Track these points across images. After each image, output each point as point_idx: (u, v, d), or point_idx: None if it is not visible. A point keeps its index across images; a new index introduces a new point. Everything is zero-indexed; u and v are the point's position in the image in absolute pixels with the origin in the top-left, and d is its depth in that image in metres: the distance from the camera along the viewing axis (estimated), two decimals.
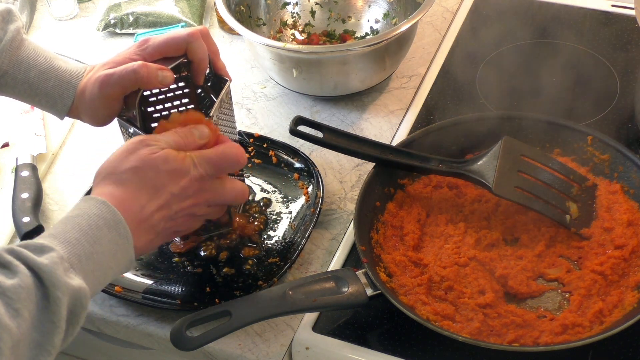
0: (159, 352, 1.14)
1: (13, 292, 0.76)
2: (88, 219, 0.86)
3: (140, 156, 0.92)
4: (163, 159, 0.92)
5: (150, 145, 0.93)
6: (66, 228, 0.85)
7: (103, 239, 0.86)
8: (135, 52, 1.04)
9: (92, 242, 0.85)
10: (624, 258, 1.07)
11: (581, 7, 1.50)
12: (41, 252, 0.80)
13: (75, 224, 0.85)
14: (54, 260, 0.80)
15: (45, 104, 1.08)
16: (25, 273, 0.78)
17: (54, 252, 0.81)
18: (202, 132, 0.97)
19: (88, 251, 0.84)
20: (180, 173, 0.93)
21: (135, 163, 0.92)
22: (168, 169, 0.92)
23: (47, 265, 0.79)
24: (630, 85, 1.34)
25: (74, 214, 0.87)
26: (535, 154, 1.16)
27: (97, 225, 0.86)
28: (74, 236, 0.84)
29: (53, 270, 0.79)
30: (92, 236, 0.85)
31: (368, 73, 1.33)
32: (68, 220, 0.86)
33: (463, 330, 1.02)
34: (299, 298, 1.00)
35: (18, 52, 1.07)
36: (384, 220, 1.15)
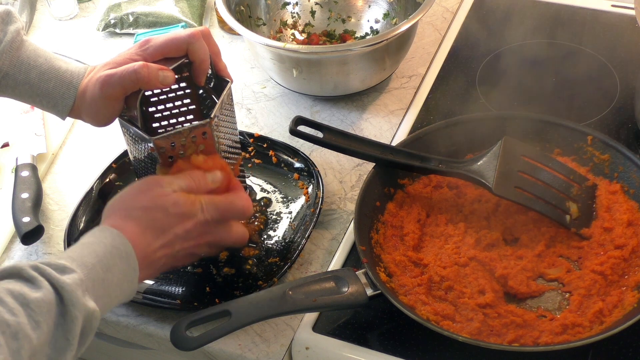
0: (159, 352, 1.14)
1: (36, 304, 0.79)
2: (104, 247, 0.90)
3: (152, 197, 0.96)
4: (173, 203, 0.96)
5: (163, 186, 0.97)
6: (83, 253, 0.89)
7: (115, 268, 0.90)
8: (137, 52, 1.04)
9: (106, 270, 0.89)
10: (624, 258, 1.07)
11: (581, 7, 1.50)
12: (63, 272, 0.84)
13: (92, 250, 0.89)
14: (76, 281, 0.83)
15: (46, 105, 1.08)
16: (48, 289, 0.81)
17: (75, 273, 0.84)
18: (215, 178, 1.01)
19: (101, 277, 0.88)
20: (187, 216, 0.97)
21: (146, 203, 0.96)
22: (176, 212, 0.96)
23: (70, 285, 0.82)
24: (630, 85, 1.34)
25: (90, 240, 0.91)
26: (535, 154, 1.16)
27: (111, 254, 0.90)
28: (90, 261, 0.88)
29: (74, 290, 0.82)
30: (106, 264, 0.89)
31: (368, 73, 1.33)
32: (84, 246, 0.90)
33: (463, 330, 1.02)
34: (299, 298, 1.00)
35: (18, 53, 1.07)
36: (384, 220, 1.15)
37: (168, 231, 0.96)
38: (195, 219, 0.97)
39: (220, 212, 0.99)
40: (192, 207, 0.97)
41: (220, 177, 1.01)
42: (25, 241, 1.18)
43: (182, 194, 0.97)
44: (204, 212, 0.98)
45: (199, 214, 0.97)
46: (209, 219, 0.98)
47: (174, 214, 0.96)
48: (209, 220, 0.98)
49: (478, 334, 1.02)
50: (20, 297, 0.79)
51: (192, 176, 1.00)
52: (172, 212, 0.96)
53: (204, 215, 0.98)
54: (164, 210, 0.96)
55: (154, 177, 1.00)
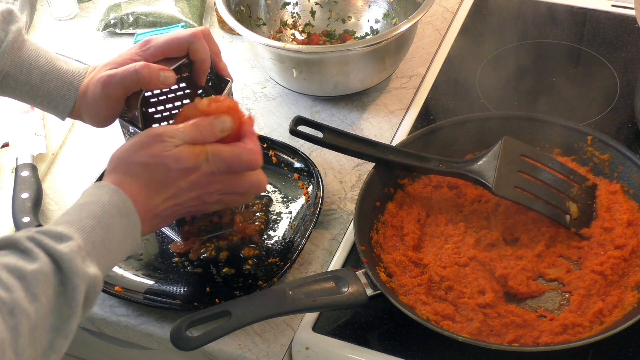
0: (159, 352, 1.14)
1: (33, 277, 0.78)
2: (102, 206, 0.88)
3: (151, 153, 0.93)
4: (175, 159, 0.93)
5: (165, 141, 0.93)
6: (81, 215, 0.87)
7: (115, 226, 0.89)
8: (137, 52, 1.03)
9: (106, 230, 0.87)
10: (624, 258, 1.07)
11: (581, 7, 1.50)
12: (60, 240, 0.82)
13: (89, 212, 0.88)
14: (73, 249, 0.82)
15: (47, 105, 1.08)
16: (44, 260, 0.80)
17: (72, 240, 0.83)
18: (224, 125, 0.96)
19: (102, 238, 0.87)
20: (190, 169, 0.94)
21: (145, 159, 0.93)
22: (178, 167, 0.93)
23: (67, 254, 0.81)
24: (630, 85, 1.34)
25: (88, 200, 0.89)
26: (535, 154, 1.16)
27: (110, 213, 0.88)
28: (89, 224, 0.86)
29: (72, 259, 0.81)
30: (105, 224, 0.88)
31: (368, 73, 1.33)
32: (82, 207, 0.88)
33: (463, 330, 1.02)
34: (299, 298, 1.00)
35: (19, 53, 1.06)
36: (384, 220, 1.15)
37: (170, 185, 0.93)
38: (199, 170, 0.94)
39: (227, 165, 0.95)
40: (196, 160, 0.93)
41: (230, 124, 0.96)
42: None
43: (185, 148, 0.93)
44: (209, 163, 0.94)
45: (203, 165, 0.94)
46: (215, 170, 0.95)
47: (175, 169, 0.93)
48: (214, 172, 0.95)
49: (478, 334, 1.02)
50: (15, 270, 0.78)
51: (198, 126, 0.95)
52: (174, 168, 0.93)
53: (208, 166, 0.94)
54: (164, 167, 0.93)
55: (156, 129, 0.95)
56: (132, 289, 1.11)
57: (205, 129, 0.95)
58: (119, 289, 1.10)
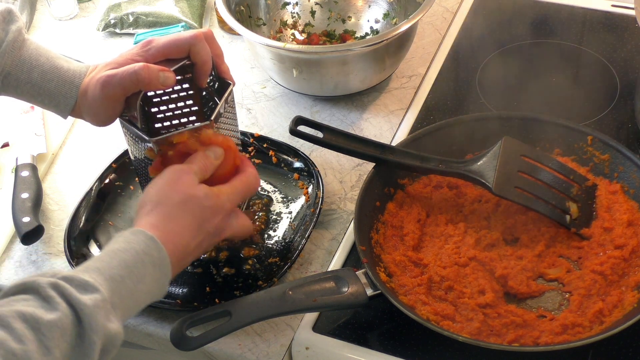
0: (159, 352, 1.14)
1: (48, 329, 0.76)
2: (135, 255, 0.87)
3: (185, 189, 0.95)
4: (204, 196, 0.95)
5: (189, 174, 0.96)
6: (112, 264, 0.86)
7: (147, 277, 0.88)
8: (138, 53, 1.03)
9: (136, 281, 0.86)
10: (624, 258, 1.07)
11: (581, 7, 1.50)
12: (85, 291, 0.81)
13: (121, 260, 0.86)
14: (97, 303, 0.80)
15: (48, 104, 1.08)
16: (65, 311, 0.78)
17: (98, 293, 0.81)
18: (216, 153, 1.00)
19: (130, 289, 0.86)
20: (217, 210, 0.96)
21: (183, 197, 0.94)
22: (209, 205, 0.95)
23: (89, 307, 0.79)
24: (630, 85, 1.34)
25: (122, 247, 0.88)
26: (535, 154, 1.16)
27: (143, 263, 0.88)
28: (118, 273, 0.85)
29: (94, 314, 0.79)
30: (136, 274, 0.87)
31: (368, 73, 1.33)
32: (115, 254, 0.87)
33: (463, 330, 1.02)
34: (299, 298, 1.00)
35: (20, 53, 1.07)
36: (384, 220, 1.15)
37: (202, 227, 0.95)
38: (223, 211, 0.97)
39: (243, 196, 0.99)
40: (218, 199, 0.96)
41: (221, 152, 1.00)
42: (25, 241, 1.18)
43: (206, 187, 0.96)
44: (230, 202, 0.97)
45: (226, 205, 0.97)
46: (234, 207, 0.98)
47: (207, 207, 0.95)
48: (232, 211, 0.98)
49: (478, 334, 1.02)
50: (31, 320, 0.76)
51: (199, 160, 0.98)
52: (206, 205, 0.95)
53: (231, 204, 0.97)
54: (199, 204, 0.95)
55: (176, 166, 0.98)
56: None
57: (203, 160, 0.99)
58: None
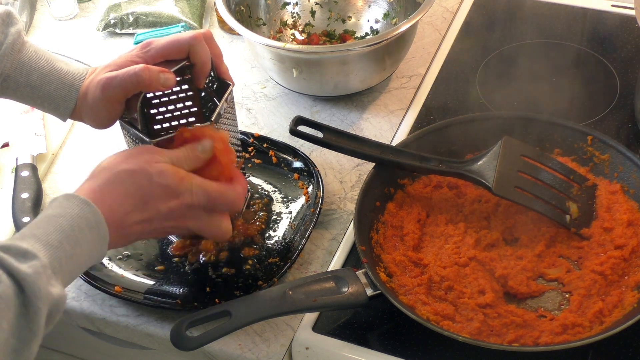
0: (159, 352, 1.14)
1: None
2: (71, 220, 0.87)
3: (139, 161, 0.93)
4: (159, 172, 0.93)
5: (153, 154, 0.94)
6: (48, 230, 0.85)
7: (83, 240, 0.87)
8: (138, 54, 1.03)
9: (73, 244, 0.86)
10: (624, 258, 1.07)
11: (581, 7, 1.50)
12: (24, 259, 0.80)
13: (57, 225, 0.86)
14: (37, 269, 0.80)
15: (47, 107, 1.08)
16: (6, 282, 0.78)
17: (37, 260, 0.81)
18: (204, 146, 0.98)
19: (69, 254, 0.85)
20: (172, 192, 0.94)
21: (132, 166, 0.93)
22: (161, 182, 0.93)
23: (30, 275, 0.79)
24: (630, 85, 1.34)
25: (57, 212, 0.87)
26: (535, 154, 1.16)
27: (79, 227, 0.87)
28: (56, 238, 0.85)
29: (35, 281, 0.79)
30: (73, 238, 0.86)
31: (368, 73, 1.33)
32: (50, 219, 0.86)
33: (463, 330, 1.02)
34: (299, 298, 1.00)
35: (19, 55, 1.06)
36: (384, 220, 1.15)
37: (149, 204, 0.93)
38: (181, 198, 0.94)
39: (210, 200, 0.95)
40: (179, 183, 0.93)
41: (210, 146, 0.98)
42: None
43: (170, 166, 0.94)
44: (192, 194, 0.94)
45: (185, 194, 0.94)
46: (196, 203, 0.95)
47: (157, 183, 0.92)
48: (195, 205, 0.95)
49: (478, 334, 1.02)
50: None
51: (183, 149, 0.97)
52: (157, 181, 0.92)
53: (191, 197, 0.94)
54: (148, 178, 0.92)
55: (145, 146, 0.97)
56: (132, 289, 1.11)
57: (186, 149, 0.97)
58: (119, 289, 1.10)
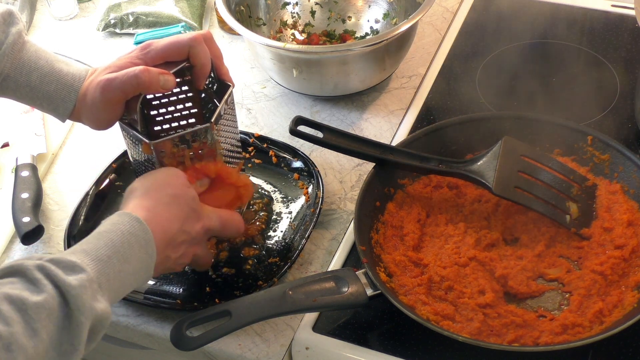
0: (159, 352, 1.14)
1: (35, 310, 0.76)
2: (121, 235, 0.88)
3: (179, 185, 0.98)
4: (193, 197, 0.99)
5: (184, 177, 1.00)
6: (99, 244, 0.87)
7: (132, 257, 0.89)
8: (138, 56, 1.03)
9: (123, 261, 0.87)
10: (624, 258, 1.07)
11: (581, 7, 1.50)
12: (72, 272, 0.81)
13: (108, 240, 0.87)
14: (83, 283, 0.81)
15: (47, 107, 1.08)
16: (51, 292, 0.78)
17: (84, 273, 0.82)
18: (202, 182, 1.04)
19: (117, 269, 0.87)
20: (200, 216, 0.99)
21: (176, 190, 0.98)
22: (194, 207, 0.99)
23: (75, 288, 0.79)
24: (630, 85, 1.34)
25: (107, 228, 0.89)
26: (535, 154, 1.16)
27: (129, 243, 0.88)
28: (105, 254, 0.86)
29: (80, 294, 0.80)
30: (123, 254, 0.87)
31: (368, 73, 1.33)
32: (101, 235, 0.88)
33: (463, 330, 1.02)
34: (299, 298, 1.00)
35: (20, 55, 1.06)
36: (384, 220, 1.15)
37: (187, 226, 0.97)
38: (202, 221, 1.00)
39: (221, 224, 1.02)
40: (202, 208, 1.00)
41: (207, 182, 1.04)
42: (25, 241, 1.18)
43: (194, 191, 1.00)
44: (209, 218, 1.00)
45: (204, 218, 1.00)
46: (209, 228, 1.01)
47: (192, 208, 0.98)
48: (208, 229, 1.01)
49: (478, 334, 1.02)
50: (18, 302, 0.76)
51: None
52: (192, 205, 0.98)
53: (208, 221, 1.00)
54: (187, 202, 0.98)
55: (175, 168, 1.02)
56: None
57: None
58: None
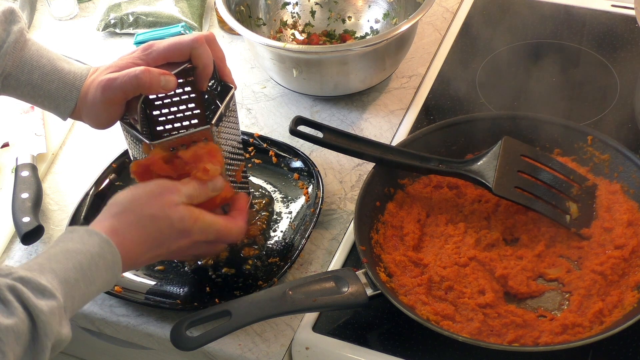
0: (159, 352, 1.14)
1: (5, 333, 0.78)
2: (90, 258, 0.89)
3: (162, 205, 0.96)
4: (180, 218, 0.97)
5: (173, 193, 0.97)
6: (67, 266, 0.87)
7: (98, 280, 0.90)
8: (139, 56, 1.03)
9: (89, 284, 0.89)
10: (624, 258, 1.07)
11: (581, 7, 1.50)
12: (42, 296, 0.82)
13: (76, 262, 0.88)
14: (53, 310, 0.82)
15: (48, 106, 1.08)
16: (21, 317, 0.80)
17: (54, 299, 0.83)
18: (215, 186, 1.01)
19: (82, 292, 0.88)
20: (187, 234, 0.98)
21: (155, 211, 0.96)
22: (180, 228, 0.97)
23: (45, 315, 0.81)
24: (630, 85, 1.34)
25: (77, 248, 0.89)
26: (535, 154, 1.16)
27: (97, 266, 0.89)
28: (73, 276, 0.87)
29: (49, 321, 0.81)
30: (89, 277, 0.89)
31: (368, 73, 1.33)
32: (70, 255, 0.88)
33: (463, 330, 1.02)
34: (299, 298, 1.00)
35: (21, 54, 1.06)
36: (384, 220, 1.15)
37: (164, 245, 0.97)
38: (192, 237, 0.98)
39: (217, 236, 1.01)
40: (193, 224, 0.98)
41: (221, 185, 1.02)
42: (25, 241, 1.18)
43: (187, 209, 0.97)
44: (202, 233, 0.99)
45: (196, 233, 0.98)
46: (204, 240, 1.00)
47: (177, 229, 0.97)
48: (202, 241, 1.00)
49: (478, 334, 1.02)
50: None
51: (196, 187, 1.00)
52: (176, 227, 0.97)
53: (200, 236, 0.99)
54: (169, 222, 0.96)
55: (165, 181, 0.99)
56: (132, 289, 1.11)
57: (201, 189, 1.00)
58: (119, 289, 1.10)
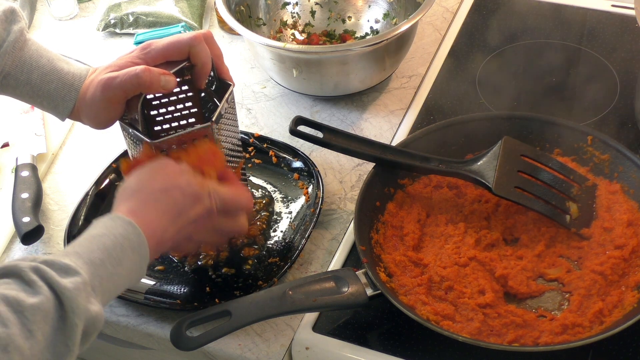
0: (159, 352, 1.14)
1: (31, 312, 0.77)
2: (114, 239, 0.88)
3: (168, 176, 0.96)
4: (187, 183, 0.96)
5: (175, 165, 0.97)
6: (91, 247, 0.87)
7: (125, 261, 0.88)
8: (138, 55, 1.03)
9: (115, 264, 0.87)
10: (624, 258, 1.07)
11: (581, 7, 1.50)
12: (66, 274, 0.81)
13: (100, 244, 0.87)
14: (78, 285, 0.81)
15: (47, 106, 1.08)
16: (47, 295, 0.79)
17: (78, 276, 0.82)
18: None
19: (110, 272, 0.86)
20: (198, 198, 0.97)
21: (164, 183, 0.95)
22: (191, 192, 0.96)
23: (70, 291, 0.80)
24: (630, 85, 1.34)
25: (100, 232, 0.89)
26: (535, 154, 1.16)
27: (122, 247, 0.88)
28: (98, 257, 0.86)
29: (75, 297, 0.80)
30: (115, 258, 0.87)
31: (368, 73, 1.33)
32: (94, 238, 0.88)
33: (463, 330, 1.02)
34: (299, 298, 1.00)
35: (21, 54, 1.06)
36: (384, 220, 1.15)
37: (182, 215, 0.95)
38: (203, 203, 0.97)
39: (225, 204, 0.99)
40: (201, 188, 0.97)
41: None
42: (25, 241, 1.18)
43: (192, 174, 0.97)
44: (211, 198, 0.97)
45: (205, 198, 0.97)
46: (214, 208, 0.98)
47: (189, 194, 0.96)
48: (213, 209, 0.98)
49: (478, 334, 1.02)
50: (15, 303, 0.77)
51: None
52: (188, 191, 0.96)
53: (210, 202, 0.97)
54: (180, 190, 0.95)
55: (164, 157, 0.99)
56: (132, 289, 1.11)
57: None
58: None
